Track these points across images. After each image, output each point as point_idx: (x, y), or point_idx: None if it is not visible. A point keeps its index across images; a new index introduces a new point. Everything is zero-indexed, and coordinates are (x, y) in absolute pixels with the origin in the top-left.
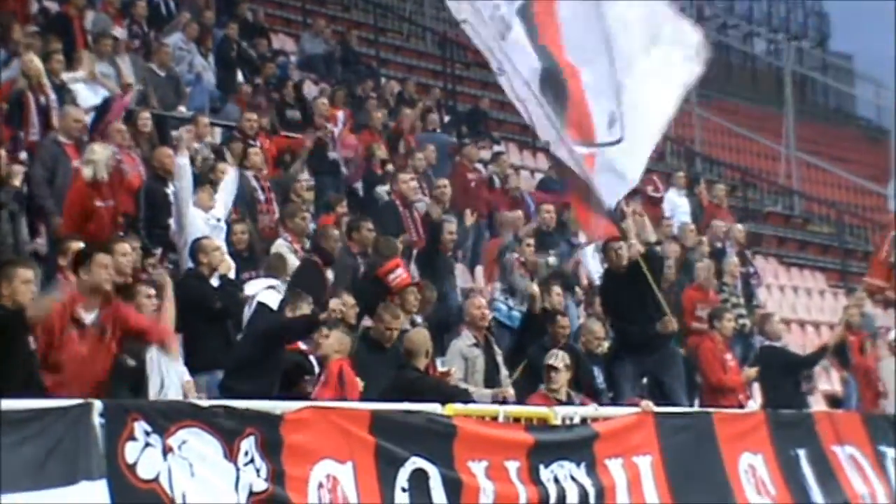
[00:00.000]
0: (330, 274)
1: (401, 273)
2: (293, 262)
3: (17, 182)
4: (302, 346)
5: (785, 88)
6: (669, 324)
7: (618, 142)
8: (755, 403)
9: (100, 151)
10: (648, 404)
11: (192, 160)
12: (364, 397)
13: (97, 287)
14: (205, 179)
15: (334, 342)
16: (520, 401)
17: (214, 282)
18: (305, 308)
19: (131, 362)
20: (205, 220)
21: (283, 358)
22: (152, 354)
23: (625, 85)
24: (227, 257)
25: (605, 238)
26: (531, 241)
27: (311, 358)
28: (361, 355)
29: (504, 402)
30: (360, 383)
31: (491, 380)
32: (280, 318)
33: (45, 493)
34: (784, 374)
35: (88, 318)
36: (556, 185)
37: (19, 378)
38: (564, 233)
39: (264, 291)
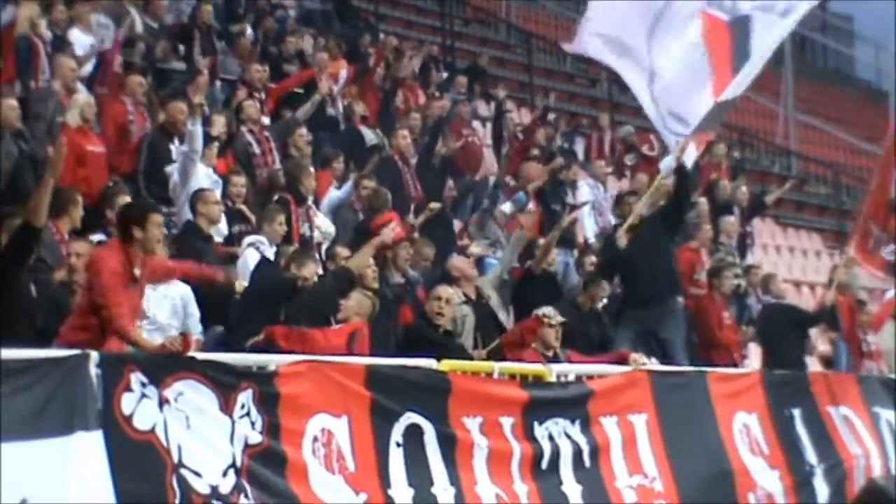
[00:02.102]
0: (320, 220)
1: (394, 227)
2: None
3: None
4: None
5: (784, 48)
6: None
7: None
8: (751, 363)
9: (81, 98)
10: (636, 358)
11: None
12: None
13: (150, 248)
14: (209, 136)
15: (354, 304)
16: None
17: (218, 238)
18: (311, 266)
19: None
20: (206, 174)
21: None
22: None
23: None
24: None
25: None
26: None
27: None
28: None
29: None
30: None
31: (488, 336)
32: (273, 276)
33: (41, 444)
34: (791, 331)
35: (138, 273)
36: None
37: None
38: (557, 191)
39: (247, 249)
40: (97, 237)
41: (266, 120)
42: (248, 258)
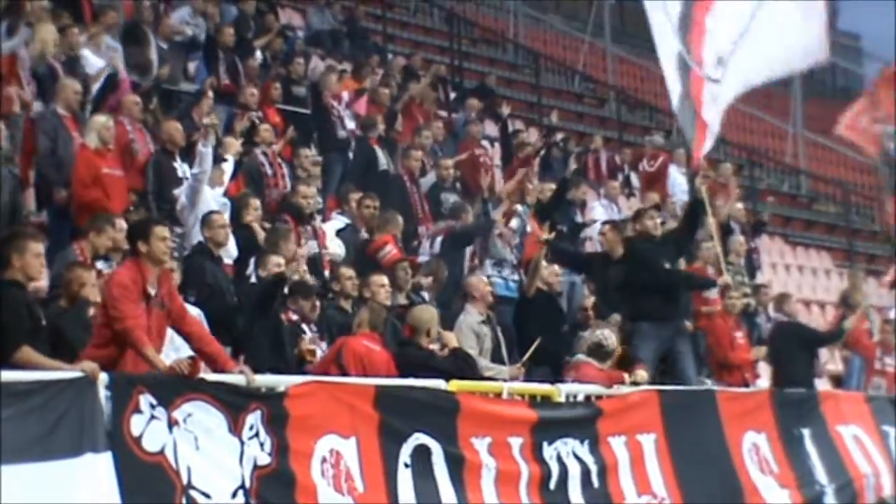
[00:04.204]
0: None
1: (390, 250)
2: None
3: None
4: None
5: None
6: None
7: (715, 81)
8: (763, 382)
9: (100, 120)
10: (639, 374)
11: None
12: None
13: (158, 259)
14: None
15: (367, 316)
16: (528, 378)
17: (227, 260)
18: (273, 262)
19: None
20: (213, 196)
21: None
22: None
23: (749, 32)
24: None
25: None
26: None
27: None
28: None
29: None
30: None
31: (497, 357)
32: (254, 286)
33: (50, 465)
34: (800, 350)
35: (152, 291)
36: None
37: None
38: (564, 209)
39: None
40: (101, 264)
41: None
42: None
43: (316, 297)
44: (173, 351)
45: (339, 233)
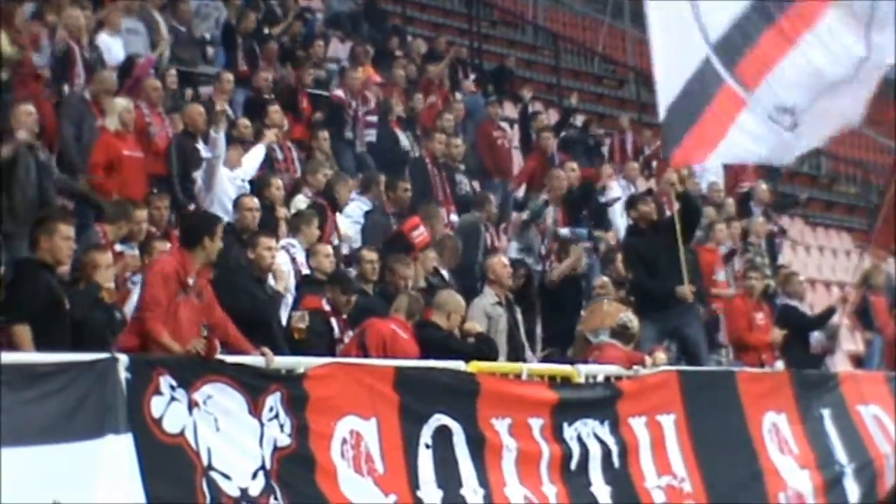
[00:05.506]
0: (342, 221)
1: (423, 231)
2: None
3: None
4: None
5: None
6: (686, 293)
7: (784, 128)
8: (781, 364)
9: (120, 103)
10: (658, 357)
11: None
12: None
13: (212, 258)
14: (233, 139)
15: (406, 303)
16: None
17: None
18: (263, 241)
19: None
20: (230, 178)
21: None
22: None
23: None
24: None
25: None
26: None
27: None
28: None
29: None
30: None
31: (512, 339)
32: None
33: (72, 447)
34: (796, 335)
35: (191, 281)
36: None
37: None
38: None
39: (279, 251)
40: (120, 247)
41: None
42: (280, 260)
43: (353, 293)
44: None
45: (367, 214)
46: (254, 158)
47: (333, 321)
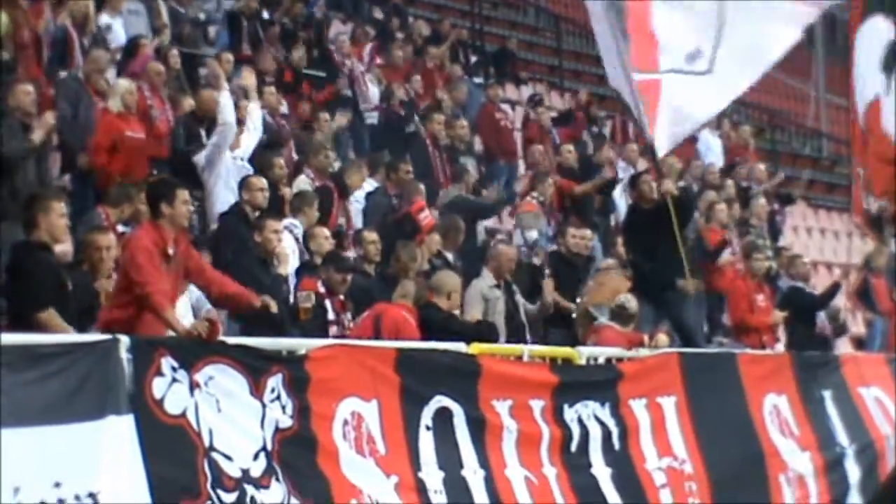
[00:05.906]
0: (353, 207)
1: (428, 214)
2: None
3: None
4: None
5: (814, 30)
6: (688, 288)
7: (703, 73)
8: (782, 346)
9: (123, 84)
10: (660, 338)
11: None
12: None
13: (179, 223)
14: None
15: (404, 289)
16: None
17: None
18: (270, 228)
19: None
20: (231, 158)
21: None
22: None
23: (728, 23)
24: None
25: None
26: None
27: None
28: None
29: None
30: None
31: (512, 321)
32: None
33: (73, 427)
34: (801, 315)
35: (171, 251)
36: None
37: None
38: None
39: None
40: (122, 229)
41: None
42: (285, 243)
43: (349, 272)
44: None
45: (368, 196)
46: (250, 133)
47: (328, 303)
